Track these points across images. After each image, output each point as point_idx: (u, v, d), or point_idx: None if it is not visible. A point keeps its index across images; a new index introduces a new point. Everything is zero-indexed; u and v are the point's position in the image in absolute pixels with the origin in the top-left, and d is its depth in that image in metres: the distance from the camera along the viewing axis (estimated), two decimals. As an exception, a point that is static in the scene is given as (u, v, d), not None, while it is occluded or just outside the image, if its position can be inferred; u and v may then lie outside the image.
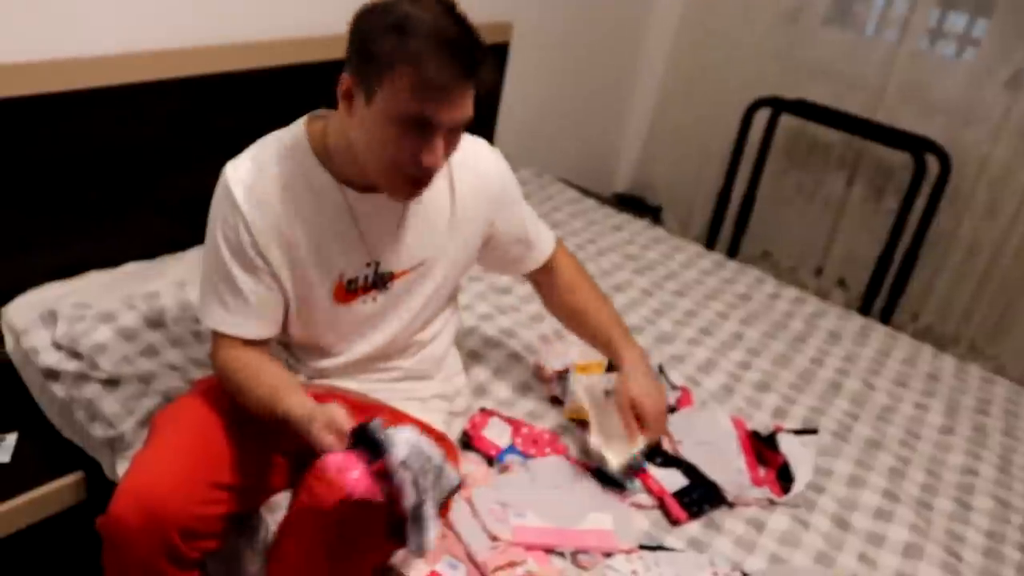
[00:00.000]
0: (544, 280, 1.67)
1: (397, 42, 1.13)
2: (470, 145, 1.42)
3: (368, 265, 1.37)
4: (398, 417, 1.43)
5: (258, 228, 1.27)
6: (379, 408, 1.46)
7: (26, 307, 1.79)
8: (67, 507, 1.69)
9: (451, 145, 1.23)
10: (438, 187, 1.38)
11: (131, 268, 1.98)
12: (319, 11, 2.13)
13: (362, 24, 1.18)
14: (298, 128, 1.33)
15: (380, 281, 1.39)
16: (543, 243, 1.62)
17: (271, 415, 1.25)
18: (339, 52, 1.27)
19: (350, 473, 1.07)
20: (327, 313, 1.38)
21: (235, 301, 1.31)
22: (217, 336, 1.35)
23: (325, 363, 1.46)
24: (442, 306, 1.53)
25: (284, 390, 1.26)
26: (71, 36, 1.75)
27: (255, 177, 1.28)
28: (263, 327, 1.34)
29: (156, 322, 1.77)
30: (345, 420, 1.15)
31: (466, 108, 1.19)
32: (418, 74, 1.13)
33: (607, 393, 1.75)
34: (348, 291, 1.37)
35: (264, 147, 1.32)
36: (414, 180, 1.23)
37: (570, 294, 1.65)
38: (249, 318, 1.32)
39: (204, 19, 1.96)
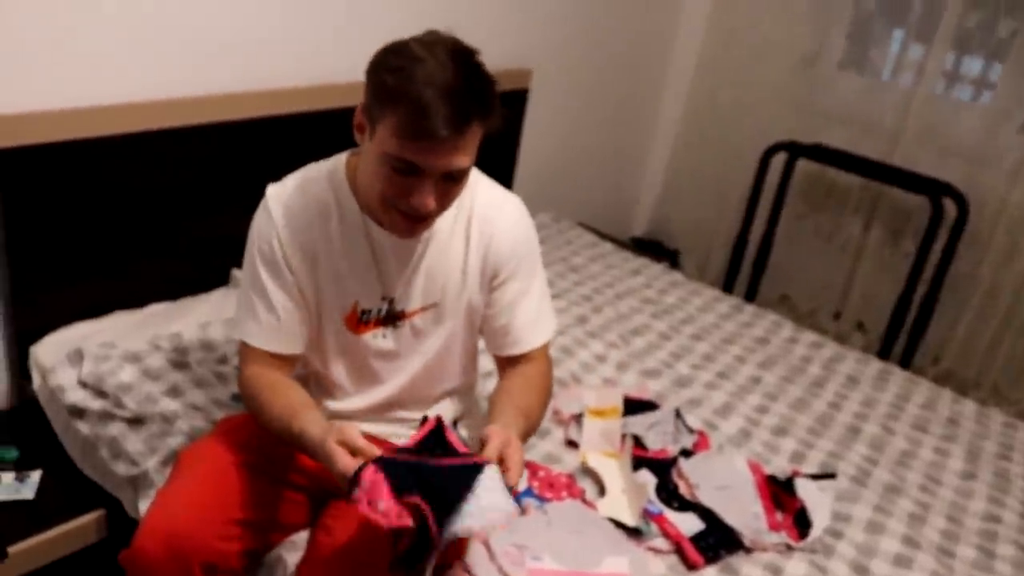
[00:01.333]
0: (503, 366, 1.49)
1: (395, 84, 1.16)
2: (502, 200, 1.43)
3: (383, 299, 1.40)
4: None
5: (288, 241, 1.33)
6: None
7: (54, 346, 1.83)
8: (88, 544, 1.70)
9: (448, 190, 1.24)
10: (455, 233, 1.39)
11: (156, 309, 2.02)
12: (344, 58, 2.19)
13: (375, 61, 1.22)
14: (339, 159, 1.39)
15: (392, 317, 1.41)
16: (524, 339, 1.45)
17: (288, 432, 1.24)
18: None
19: (378, 503, 1.05)
20: (340, 341, 1.42)
21: (267, 315, 1.35)
22: (246, 350, 1.38)
23: (341, 405, 1.48)
24: (458, 361, 1.51)
25: (302, 407, 1.26)
26: (100, 84, 1.81)
27: (292, 195, 1.35)
28: (291, 343, 1.38)
29: (180, 363, 1.80)
30: (359, 439, 1.12)
31: (457, 157, 1.19)
32: (406, 119, 1.15)
33: (623, 438, 1.76)
34: (361, 321, 1.40)
35: (306, 171, 1.39)
36: (408, 218, 1.26)
37: (505, 394, 1.39)
38: (279, 333, 1.36)
39: (230, 66, 2.02)
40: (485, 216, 1.39)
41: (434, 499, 1.06)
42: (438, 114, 1.13)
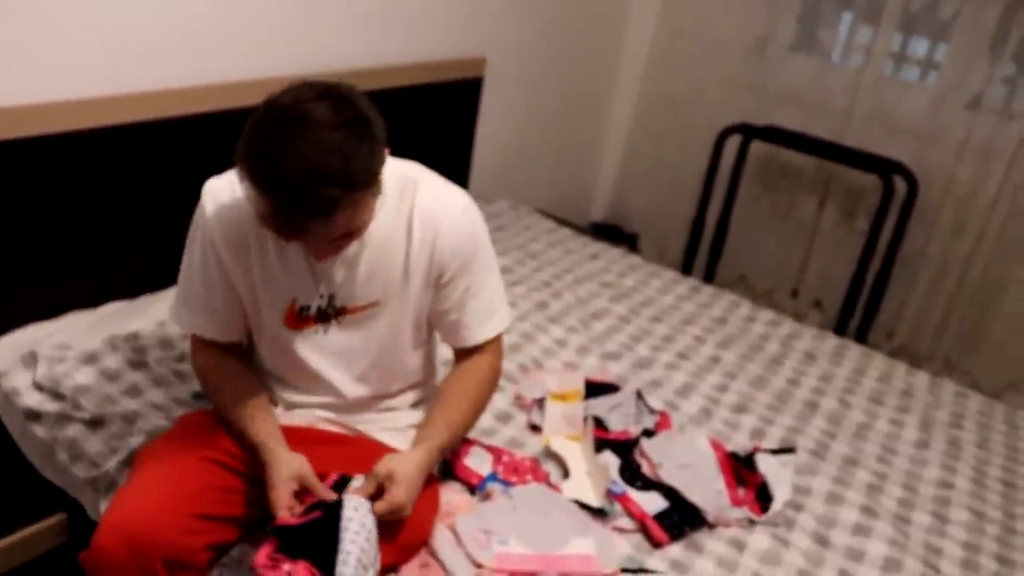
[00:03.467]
0: (456, 354, 1.54)
1: (258, 178, 1.13)
2: (444, 197, 1.40)
3: (320, 296, 1.39)
4: (374, 449, 1.44)
5: (220, 237, 1.36)
6: (354, 441, 1.48)
7: (6, 349, 1.79)
8: (49, 549, 1.68)
9: (344, 242, 1.25)
10: (396, 232, 1.37)
11: (112, 308, 1.99)
12: (296, 51, 2.17)
13: (242, 144, 1.16)
14: None
15: (332, 313, 1.40)
16: (477, 334, 1.47)
17: (234, 425, 1.39)
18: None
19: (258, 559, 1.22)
20: (280, 337, 1.42)
21: (198, 304, 1.42)
22: (193, 337, 1.45)
23: (298, 398, 1.49)
24: (408, 359, 1.50)
25: (252, 409, 1.38)
26: (51, 80, 1.77)
27: (228, 190, 1.37)
28: (226, 331, 1.44)
29: (138, 362, 1.78)
30: (313, 481, 1.29)
31: (336, 229, 1.17)
32: (272, 214, 1.15)
33: (585, 420, 1.78)
34: (299, 318, 1.41)
35: None
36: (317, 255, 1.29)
37: (440, 401, 1.47)
38: (213, 321, 1.43)
39: (184, 61, 1.99)
40: (427, 215, 1.37)
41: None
42: (297, 217, 1.13)
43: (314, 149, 1.10)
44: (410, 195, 1.37)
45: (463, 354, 1.52)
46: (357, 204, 1.17)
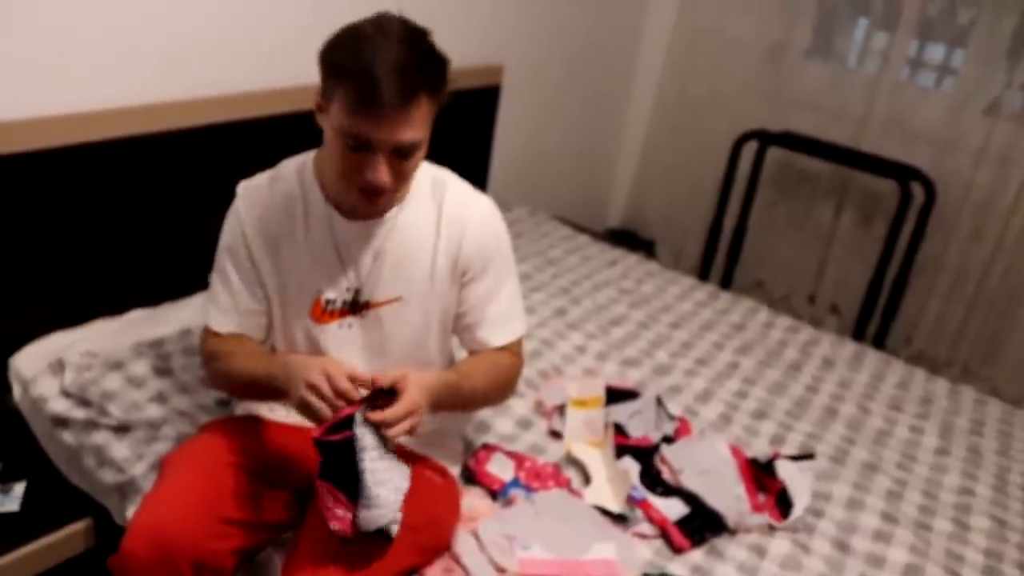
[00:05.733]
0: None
1: (343, 60, 1.21)
2: (472, 200, 1.45)
3: (347, 290, 1.42)
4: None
5: (253, 235, 1.40)
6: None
7: (34, 356, 1.82)
8: (76, 554, 1.70)
9: (400, 166, 1.27)
10: (424, 230, 1.41)
11: (136, 315, 2.01)
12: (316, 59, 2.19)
13: (327, 42, 1.26)
14: (309, 154, 1.43)
15: (356, 307, 1.43)
16: (493, 338, 1.48)
17: (256, 376, 1.34)
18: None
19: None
20: (306, 331, 1.44)
21: (226, 299, 1.44)
22: (207, 331, 1.46)
23: None
24: (433, 360, 1.51)
25: (269, 354, 1.41)
26: (73, 91, 1.80)
27: (260, 190, 1.41)
28: (250, 328, 1.45)
29: (164, 369, 1.80)
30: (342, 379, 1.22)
31: (406, 130, 1.22)
32: (355, 93, 1.19)
33: (606, 426, 1.79)
34: (325, 311, 1.43)
35: (279, 167, 1.45)
36: (366, 193, 1.29)
37: (468, 357, 1.52)
38: (237, 317, 1.43)
39: (205, 71, 2.02)
40: (455, 215, 1.42)
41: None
42: (385, 86, 1.17)
43: (401, 43, 1.20)
44: (440, 195, 1.42)
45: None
46: (425, 108, 1.24)
